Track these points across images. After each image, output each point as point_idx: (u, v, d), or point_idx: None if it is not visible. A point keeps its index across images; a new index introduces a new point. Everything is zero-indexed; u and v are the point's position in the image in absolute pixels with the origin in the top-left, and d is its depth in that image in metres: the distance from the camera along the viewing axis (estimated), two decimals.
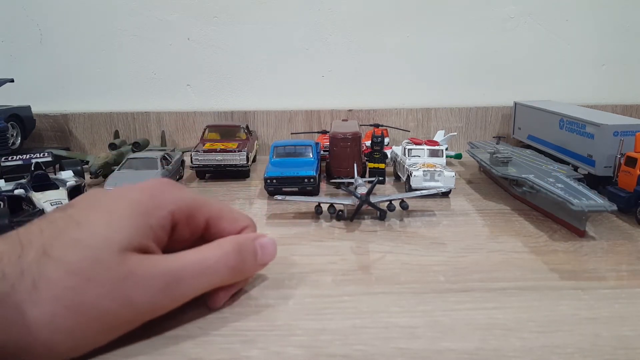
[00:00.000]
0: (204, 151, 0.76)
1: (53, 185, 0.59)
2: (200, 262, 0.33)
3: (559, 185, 0.55)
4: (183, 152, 0.85)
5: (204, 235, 0.38)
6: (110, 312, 0.29)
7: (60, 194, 0.56)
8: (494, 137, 0.90)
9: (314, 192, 0.67)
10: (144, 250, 0.32)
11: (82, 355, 0.30)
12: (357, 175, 0.66)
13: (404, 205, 0.58)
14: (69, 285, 0.28)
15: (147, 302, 0.30)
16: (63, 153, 0.82)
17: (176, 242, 0.36)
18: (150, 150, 0.84)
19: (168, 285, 0.31)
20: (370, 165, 0.73)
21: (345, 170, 0.70)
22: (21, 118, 0.84)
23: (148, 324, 0.34)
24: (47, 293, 0.27)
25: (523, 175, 0.60)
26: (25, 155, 0.70)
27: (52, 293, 0.27)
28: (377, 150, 0.73)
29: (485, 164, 0.68)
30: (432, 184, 0.65)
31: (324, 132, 0.89)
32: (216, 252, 0.35)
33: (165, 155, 0.74)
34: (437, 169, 0.65)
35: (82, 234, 0.30)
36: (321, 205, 0.59)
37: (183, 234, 0.36)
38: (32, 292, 0.27)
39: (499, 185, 0.71)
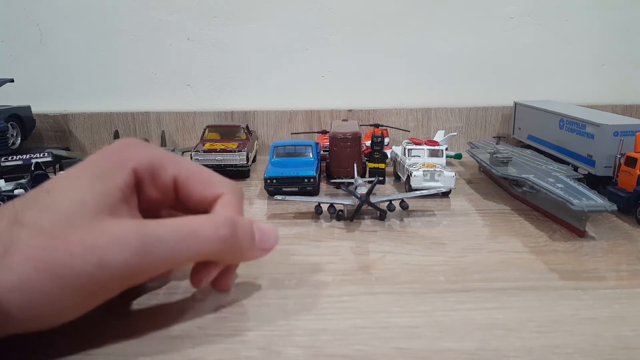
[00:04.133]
0: (204, 151, 0.76)
1: None
2: (185, 226, 0.31)
3: (559, 185, 0.55)
4: (183, 152, 0.85)
5: (179, 200, 0.36)
6: (84, 273, 0.28)
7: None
8: (494, 137, 0.90)
9: (314, 192, 0.67)
10: (117, 214, 0.31)
11: (64, 322, 0.29)
12: (357, 175, 0.66)
13: (404, 205, 0.58)
14: (40, 245, 0.27)
15: (122, 263, 0.29)
16: (63, 153, 0.82)
17: (150, 204, 0.35)
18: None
19: (144, 246, 0.29)
20: (370, 165, 0.73)
21: (345, 170, 0.70)
22: (21, 118, 0.84)
23: (148, 324, 0.34)
24: (18, 255, 0.27)
25: (523, 176, 0.60)
26: (25, 155, 0.70)
27: (23, 254, 0.27)
28: (377, 150, 0.73)
29: (485, 164, 0.68)
30: (432, 184, 0.65)
31: (324, 132, 0.89)
32: (205, 220, 0.33)
33: None
34: (437, 169, 0.65)
35: (51, 200, 0.29)
36: (321, 205, 0.59)
37: (151, 194, 0.34)
38: (3, 256, 0.27)
39: (499, 185, 0.71)
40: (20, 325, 0.28)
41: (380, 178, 0.72)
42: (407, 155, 0.71)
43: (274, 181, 0.66)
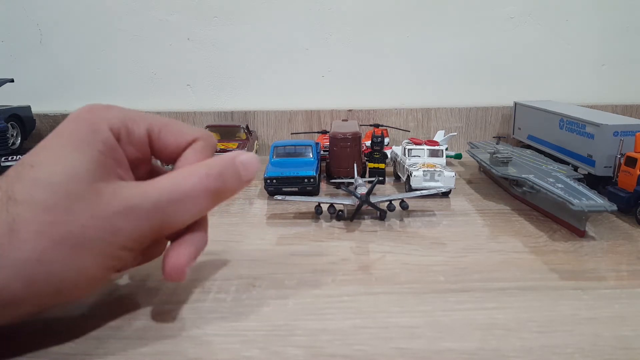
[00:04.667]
0: None
1: None
2: (178, 186, 0.32)
3: (559, 185, 0.55)
4: None
5: (152, 154, 0.36)
6: (101, 240, 0.29)
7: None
8: (494, 137, 0.90)
9: (314, 192, 0.67)
10: (110, 177, 0.31)
11: (87, 293, 0.30)
12: (357, 175, 0.66)
13: (404, 205, 0.58)
14: (48, 220, 0.27)
15: (133, 227, 0.30)
16: None
17: (130, 163, 0.34)
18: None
19: (148, 213, 0.30)
20: (370, 165, 0.73)
21: (345, 170, 0.70)
22: (21, 118, 0.84)
23: (148, 324, 0.34)
24: (28, 231, 0.27)
25: (523, 176, 0.60)
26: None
27: (32, 231, 0.27)
28: (377, 150, 0.73)
29: (485, 164, 0.68)
30: (432, 184, 0.65)
31: (324, 132, 0.89)
32: (191, 179, 0.33)
33: None
34: (437, 169, 0.65)
35: (40, 174, 0.29)
36: (321, 205, 0.59)
37: (129, 152, 0.34)
38: (10, 235, 0.27)
39: (499, 185, 0.71)
40: (50, 299, 0.28)
41: (380, 178, 0.72)
42: (407, 155, 0.71)
43: (274, 181, 0.66)
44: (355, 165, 0.67)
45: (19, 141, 0.84)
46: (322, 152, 0.79)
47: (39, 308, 0.29)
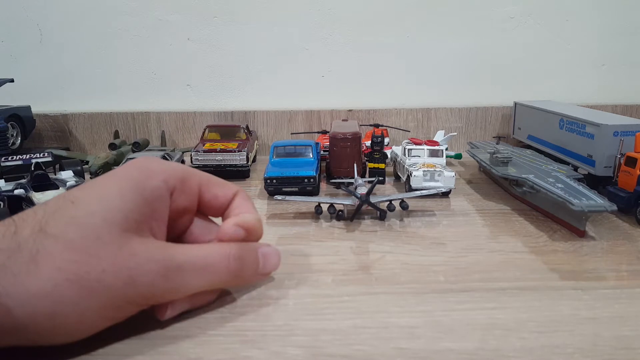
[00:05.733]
0: (204, 151, 0.76)
1: (53, 185, 0.59)
2: (202, 258, 0.34)
3: (559, 185, 0.55)
4: (183, 152, 0.85)
5: (200, 207, 0.39)
6: (114, 289, 0.29)
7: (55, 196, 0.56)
8: (493, 137, 0.90)
9: (314, 192, 0.67)
10: (144, 230, 0.32)
11: (87, 335, 0.30)
12: (357, 175, 0.66)
13: (404, 205, 0.58)
14: (71, 259, 0.28)
15: (148, 284, 0.30)
16: (63, 153, 0.82)
17: (177, 213, 0.36)
18: (150, 150, 0.84)
19: (168, 272, 0.31)
20: (370, 165, 0.73)
21: (345, 170, 0.70)
22: (21, 118, 0.84)
23: (147, 324, 0.34)
24: (48, 266, 0.27)
25: (523, 176, 0.60)
26: (25, 155, 0.70)
27: (53, 265, 0.28)
28: (377, 150, 0.73)
29: (485, 164, 0.68)
30: (432, 184, 0.64)
31: (324, 132, 0.89)
32: (219, 251, 0.35)
33: (165, 155, 0.74)
34: (437, 169, 0.65)
35: (78, 212, 0.30)
36: (321, 205, 0.59)
37: (181, 202, 0.36)
38: (30, 264, 0.27)
39: (499, 185, 0.71)
40: (42, 336, 0.28)
41: (380, 178, 0.72)
42: (407, 155, 0.71)
43: (274, 181, 0.66)
44: (355, 165, 0.67)
45: (19, 141, 0.84)
46: (322, 152, 0.79)
47: (31, 342, 0.29)
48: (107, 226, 0.30)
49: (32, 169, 0.63)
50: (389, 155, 0.76)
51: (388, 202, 0.58)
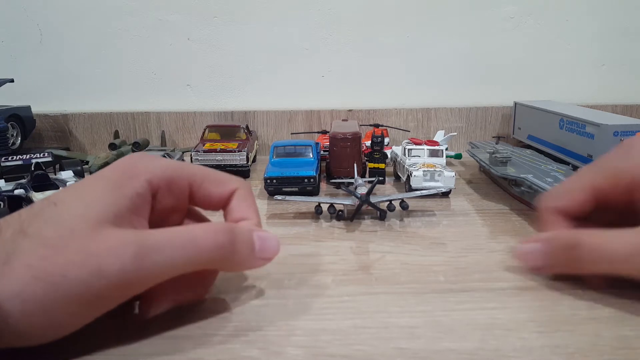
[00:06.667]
0: (204, 151, 0.76)
1: (53, 185, 0.59)
2: (184, 233, 0.32)
3: (557, 185, 0.55)
4: (183, 152, 0.85)
5: (193, 204, 0.37)
6: (79, 281, 0.27)
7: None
8: (493, 137, 0.90)
9: (314, 192, 0.67)
10: (122, 223, 0.30)
11: (62, 335, 0.29)
12: (357, 175, 0.66)
13: (404, 205, 0.58)
14: (40, 255, 0.27)
15: (117, 270, 0.28)
16: (63, 153, 0.82)
17: (163, 213, 0.35)
18: (150, 150, 0.84)
19: (140, 254, 0.29)
20: (370, 165, 0.73)
21: (345, 170, 0.70)
22: (21, 118, 0.84)
23: (148, 324, 0.34)
24: (19, 264, 0.27)
25: (521, 175, 0.60)
26: (25, 156, 0.70)
27: (24, 264, 0.27)
28: (377, 150, 0.73)
29: (484, 164, 0.68)
30: (432, 184, 0.65)
31: (324, 132, 0.89)
32: (205, 227, 0.33)
33: (165, 155, 0.75)
34: (437, 169, 0.65)
35: (57, 212, 0.30)
36: (321, 205, 0.59)
37: (167, 202, 0.35)
38: (4, 265, 0.27)
39: (498, 185, 0.71)
40: (18, 338, 0.28)
41: (380, 178, 0.72)
42: (407, 155, 0.71)
43: (274, 181, 0.66)
44: (355, 165, 0.67)
45: (19, 141, 0.84)
46: (322, 152, 0.79)
47: (8, 344, 0.28)
48: (82, 220, 0.29)
49: (32, 169, 0.63)
50: (389, 155, 0.76)
51: (388, 202, 0.58)
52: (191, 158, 0.76)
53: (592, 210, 0.40)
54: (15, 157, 0.70)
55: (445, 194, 0.67)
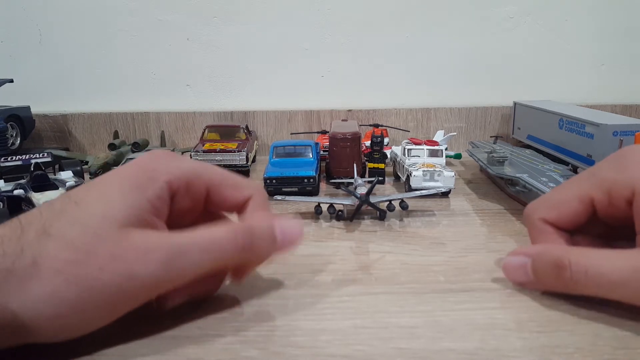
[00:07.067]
0: (204, 151, 0.76)
1: (52, 185, 0.59)
2: (206, 236, 0.32)
3: (551, 184, 0.55)
4: (183, 153, 0.85)
5: (207, 207, 0.37)
6: (113, 285, 0.29)
7: (60, 195, 0.56)
8: (491, 137, 0.90)
9: (314, 192, 0.67)
10: (144, 225, 0.31)
11: (89, 332, 0.30)
12: (357, 175, 0.66)
13: (403, 205, 0.58)
14: (69, 259, 0.28)
15: (149, 274, 0.30)
16: (62, 153, 0.82)
17: (179, 214, 0.35)
18: (150, 150, 0.84)
19: (169, 258, 0.30)
20: (369, 165, 0.73)
21: (345, 171, 0.70)
22: (21, 118, 0.84)
23: (146, 324, 0.34)
24: (48, 268, 0.28)
25: (517, 175, 0.60)
26: (24, 156, 0.70)
27: (52, 267, 0.28)
28: (377, 150, 0.73)
29: (482, 164, 0.68)
30: (432, 184, 0.65)
31: (324, 132, 0.89)
32: (226, 228, 0.34)
33: None
34: (437, 169, 0.65)
35: (80, 213, 0.30)
36: (321, 205, 0.59)
37: (184, 204, 0.35)
38: (32, 268, 0.27)
39: (496, 185, 0.71)
40: (47, 336, 0.29)
41: (380, 178, 0.72)
42: (406, 155, 0.71)
43: (274, 181, 0.66)
44: (355, 165, 0.67)
45: (19, 141, 0.83)
46: (321, 152, 0.79)
47: (33, 341, 0.29)
48: (105, 223, 0.30)
49: (32, 169, 0.63)
50: (388, 155, 0.76)
51: (388, 202, 0.58)
52: (191, 158, 0.76)
53: (584, 222, 0.39)
54: (14, 157, 0.70)
55: (445, 194, 0.67)
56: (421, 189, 0.62)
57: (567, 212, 0.38)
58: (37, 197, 0.55)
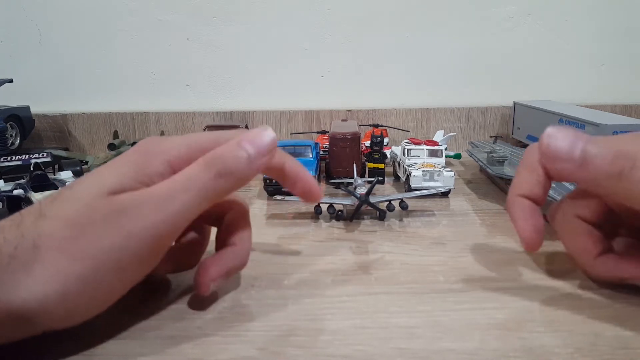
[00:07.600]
0: None
1: (52, 185, 0.59)
2: (183, 177, 0.32)
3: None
4: None
5: None
6: (114, 250, 0.29)
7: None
8: (491, 137, 0.90)
9: None
10: (136, 187, 0.31)
11: (99, 312, 0.30)
12: (357, 175, 0.66)
13: (403, 205, 0.58)
14: (66, 236, 0.28)
15: (146, 227, 0.30)
16: (62, 153, 0.82)
17: None
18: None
19: (159, 205, 0.30)
20: (369, 165, 0.73)
21: (344, 171, 0.70)
22: (20, 118, 0.84)
23: (148, 324, 0.34)
24: (47, 248, 0.28)
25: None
26: (24, 156, 0.70)
27: (51, 247, 0.28)
28: (377, 150, 0.73)
29: (482, 164, 0.68)
30: (432, 184, 0.65)
31: (324, 132, 0.89)
32: (193, 164, 0.32)
33: None
34: (437, 169, 0.65)
35: (72, 192, 0.30)
36: (321, 205, 0.59)
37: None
38: (33, 250, 0.28)
39: (496, 185, 0.71)
40: (56, 320, 0.29)
41: (379, 178, 0.72)
42: (406, 155, 0.71)
43: (274, 181, 0.66)
44: (354, 165, 0.67)
45: (18, 141, 0.83)
46: (321, 152, 0.79)
47: (42, 330, 0.29)
48: (97, 194, 0.30)
49: (32, 169, 0.63)
50: (388, 156, 0.76)
51: (387, 202, 0.58)
52: None
53: (605, 222, 0.39)
54: (14, 157, 0.70)
55: (445, 194, 0.67)
56: (421, 189, 0.62)
57: (592, 210, 0.39)
58: (37, 197, 0.55)
